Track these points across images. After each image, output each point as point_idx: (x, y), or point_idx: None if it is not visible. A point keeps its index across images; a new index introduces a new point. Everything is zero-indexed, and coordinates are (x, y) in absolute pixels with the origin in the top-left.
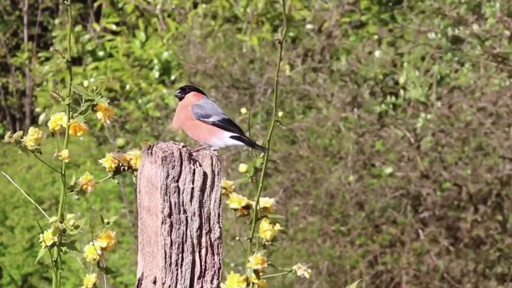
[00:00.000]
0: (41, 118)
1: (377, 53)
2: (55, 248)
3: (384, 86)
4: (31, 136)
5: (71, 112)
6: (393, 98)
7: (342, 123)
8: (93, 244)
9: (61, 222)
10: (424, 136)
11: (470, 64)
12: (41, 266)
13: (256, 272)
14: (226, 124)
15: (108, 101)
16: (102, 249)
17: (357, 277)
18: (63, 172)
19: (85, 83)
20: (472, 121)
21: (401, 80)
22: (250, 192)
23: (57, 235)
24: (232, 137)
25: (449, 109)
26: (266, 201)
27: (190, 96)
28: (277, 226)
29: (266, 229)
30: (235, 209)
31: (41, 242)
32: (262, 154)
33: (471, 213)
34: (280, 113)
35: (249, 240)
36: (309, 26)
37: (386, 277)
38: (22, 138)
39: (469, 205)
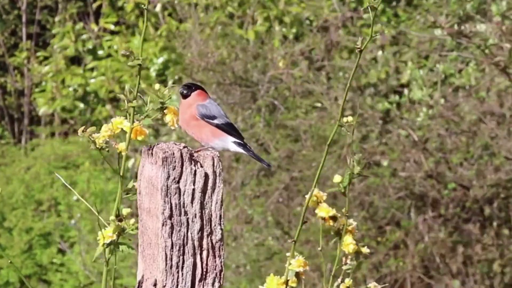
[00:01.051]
0: (41, 111)
1: (379, 52)
2: (110, 246)
3: (388, 86)
4: (105, 133)
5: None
6: (397, 97)
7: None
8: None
9: (120, 221)
10: (429, 136)
11: (475, 63)
12: (40, 268)
13: (297, 274)
14: (229, 128)
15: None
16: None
17: (360, 279)
18: (121, 174)
19: (156, 86)
20: (476, 121)
21: (405, 78)
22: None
23: (116, 233)
24: (235, 142)
25: (453, 109)
26: (349, 223)
27: (195, 95)
28: (364, 250)
29: (349, 243)
30: (323, 218)
31: (98, 239)
32: (360, 160)
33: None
34: (345, 119)
35: (293, 242)
36: (308, 22)
37: (390, 279)
38: (94, 133)
39: (475, 206)
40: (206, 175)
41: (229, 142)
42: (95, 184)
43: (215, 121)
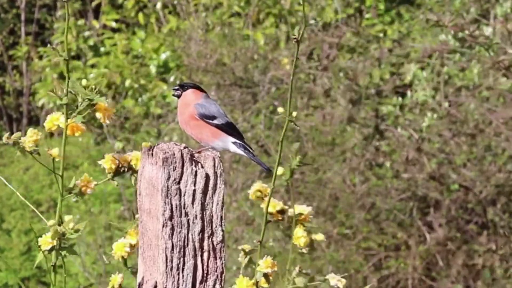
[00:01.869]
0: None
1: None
2: (53, 252)
3: (390, 86)
4: (30, 138)
5: (69, 112)
6: (400, 100)
7: (346, 123)
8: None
9: (59, 225)
10: (431, 138)
11: (480, 64)
12: (39, 270)
13: (266, 275)
14: (229, 128)
15: (107, 99)
16: (131, 246)
17: (361, 281)
18: (61, 173)
19: (84, 81)
20: (480, 120)
21: (408, 78)
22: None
23: (56, 238)
24: (235, 143)
25: (457, 109)
26: (302, 209)
27: (189, 94)
28: (320, 236)
29: (300, 236)
30: (270, 214)
31: (39, 246)
32: (297, 153)
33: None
34: (294, 113)
35: (259, 242)
36: (312, 21)
37: (392, 281)
38: (20, 139)
39: (478, 208)
40: (207, 176)
41: (229, 143)
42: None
43: (215, 121)
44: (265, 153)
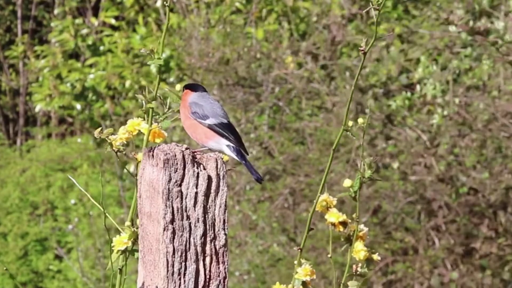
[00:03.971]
0: (38, 107)
1: (391, 49)
2: (123, 254)
3: (398, 84)
4: (122, 135)
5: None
6: (408, 94)
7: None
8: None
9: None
10: (440, 137)
11: (491, 60)
12: (36, 275)
13: (304, 284)
14: (223, 130)
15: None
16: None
17: (367, 286)
18: (137, 177)
19: (177, 86)
20: (490, 120)
21: (417, 75)
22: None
23: (132, 240)
24: (229, 146)
25: (466, 109)
26: (360, 229)
27: (184, 94)
28: (376, 257)
29: (360, 249)
30: (333, 224)
31: (112, 246)
32: (371, 163)
33: (485, 226)
34: (350, 123)
35: (299, 250)
36: (315, 19)
37: (399, 286)
38: (112, 135)
39: (488, 212)
40: (209, 178)
41: (223, 145)
42: (93, 187)
43: (207, 121)
44: (269, 155)
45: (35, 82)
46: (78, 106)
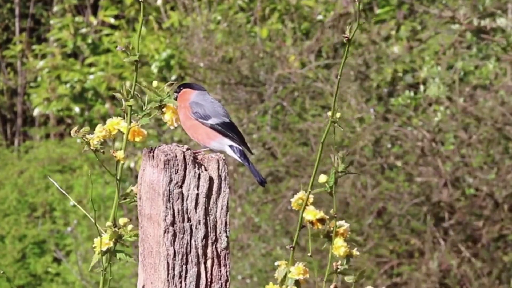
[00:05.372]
0: (36, 112)
1: (395, 49)
2: (106, 255)
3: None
4: (99, 133)
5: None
6: (412, 93)
7: (358, 124)
8: None
9: (115, 227)
10: (445, 139)
11: (495, 60)
12: (34, 278)
13: (297, 283)
14: (226, 129)
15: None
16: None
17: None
18: (118, 177)
19: (154, 83)
20: (497, 118)
21: (422, 75)
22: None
23: (113, 240)
24: (231, 147)
25: (473, 108)
26: (340, 224)
27: (182, 94)
28: (355, 252)
29: (340, 245)
30: (310, 222)
31: (94, 247)
32: (344, 157)
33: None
34: (338, 114)
35: (292, 248)
36: (320, 17)
37: None
38: (89, 134)
39: (495, 214)
40: (211, 179)
41: (226, 146)
42: (92, 189)
43: (209, 121)
44: (272, 156)
45: (33, 82)
46: (77, 108)
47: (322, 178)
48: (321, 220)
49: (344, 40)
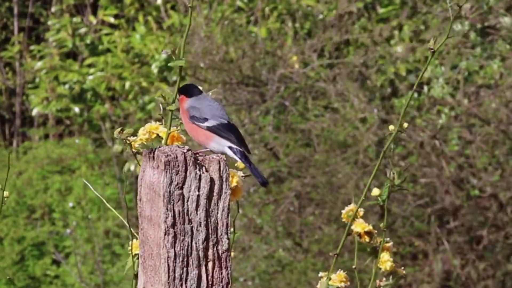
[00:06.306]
0: (35, 112)
1: (398, 49)
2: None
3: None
4: (143, 136)
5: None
6: (415, 94)
7: (360, 125)
8: None
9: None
10: (446, 136)
11: (500, 59)
12: (32, 280)
13: None
14: (223, 130)
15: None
16: None
17: None
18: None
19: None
20: (502, 119)
21: (426, 75)
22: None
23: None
24: (231, 148)
25: (478, 107)
26: (385, 241)
27: (180, 100)
28: (401, 270)
29: (386, 260)
30: (358, 234)
31: (130, 250)
32: (401, 172)
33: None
34: (406, 124)
35: (335, 256)
36: (321, 16)
37: None
38: (132, 136)
39: (499, 216)
40: (212, 180)
41: (225, 147)
42: (91, 190)
43: (206, 124)
44: (274, 156)
45: (31, 82)
46: (76, 109)
47: (375, 191)
48: (369, 233)
49: (429, 52)
